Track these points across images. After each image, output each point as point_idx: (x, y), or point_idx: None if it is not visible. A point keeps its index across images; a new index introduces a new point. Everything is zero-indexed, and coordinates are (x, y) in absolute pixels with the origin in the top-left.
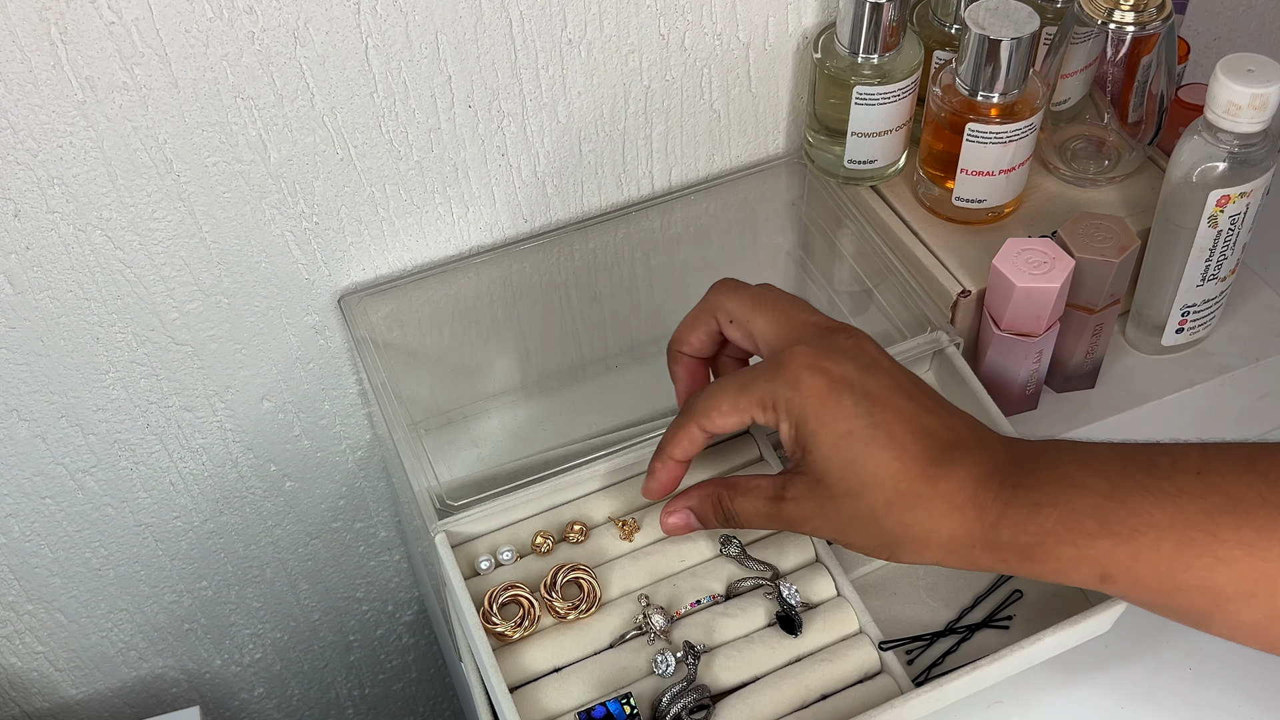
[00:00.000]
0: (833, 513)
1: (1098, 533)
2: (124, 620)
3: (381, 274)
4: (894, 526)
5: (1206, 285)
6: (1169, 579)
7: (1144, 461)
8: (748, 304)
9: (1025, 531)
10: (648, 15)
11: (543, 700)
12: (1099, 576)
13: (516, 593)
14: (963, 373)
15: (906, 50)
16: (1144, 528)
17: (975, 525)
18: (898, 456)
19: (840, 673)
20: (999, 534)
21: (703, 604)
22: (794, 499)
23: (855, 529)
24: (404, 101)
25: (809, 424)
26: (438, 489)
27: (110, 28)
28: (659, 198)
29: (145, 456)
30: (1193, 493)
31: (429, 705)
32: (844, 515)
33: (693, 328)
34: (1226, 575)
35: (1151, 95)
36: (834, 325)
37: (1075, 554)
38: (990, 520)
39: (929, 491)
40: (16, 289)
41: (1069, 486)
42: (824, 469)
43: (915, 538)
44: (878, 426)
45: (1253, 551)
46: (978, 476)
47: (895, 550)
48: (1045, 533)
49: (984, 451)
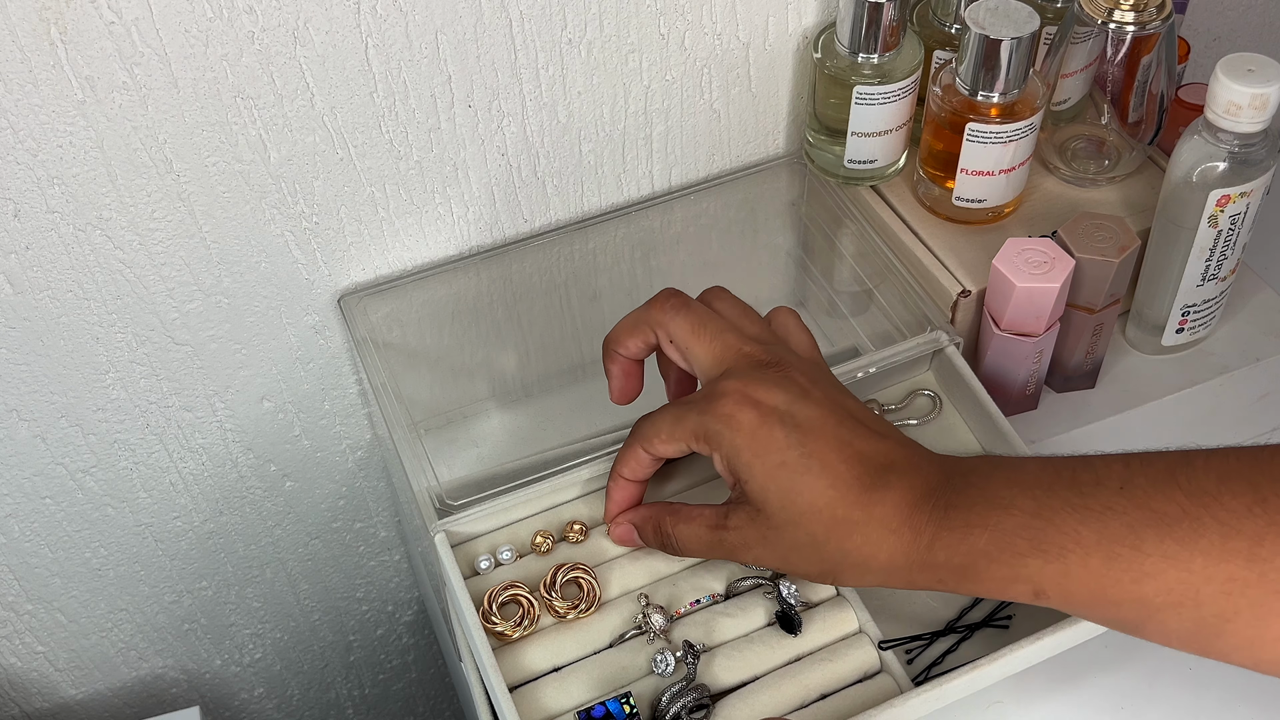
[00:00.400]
0: (774, 541)
1: (1028, 552)
2: (124, 620)
3: (381, 274)
4: (834, 553)
5: (1206, 285)
6: (1099, 594)
7: (1069, 479)
8: (688, 330)
9: (959, 553)
10: (648, 15)
11: (542, 700)
12: (1033, 593)
13: (516, 592)
14: (963, 372)
15: (906, 50)
16: (1071, 545)
17: (911, 548)
18: (832, 484)
19: (840, 672)
20: (934, 555)
21: (702, 603)
22: (735, 528)
23: (798, 556)
24: (404, 101)
25: (742, 456)
26: (437, 489)
27: (110, 28)
28: (659, 198)
29: (145, 456)
30: (1116, 509)
31: (429, 705)
32: (786, 543)
33: (631, 334)
34: (1153, 588)
35: (1151, 95)
36: (767, 357)
37: (1008, 573)
38: (925, 543)
39: (864, 517)
40: (16, 289)
41: (998, 507)
42: (762, 499)
43: (855, 563)
44: (810, 456)
45: (1176, 564)
46: (911, 500)
47: (837, 575)
48: (978, 553)
49: (916, 475)
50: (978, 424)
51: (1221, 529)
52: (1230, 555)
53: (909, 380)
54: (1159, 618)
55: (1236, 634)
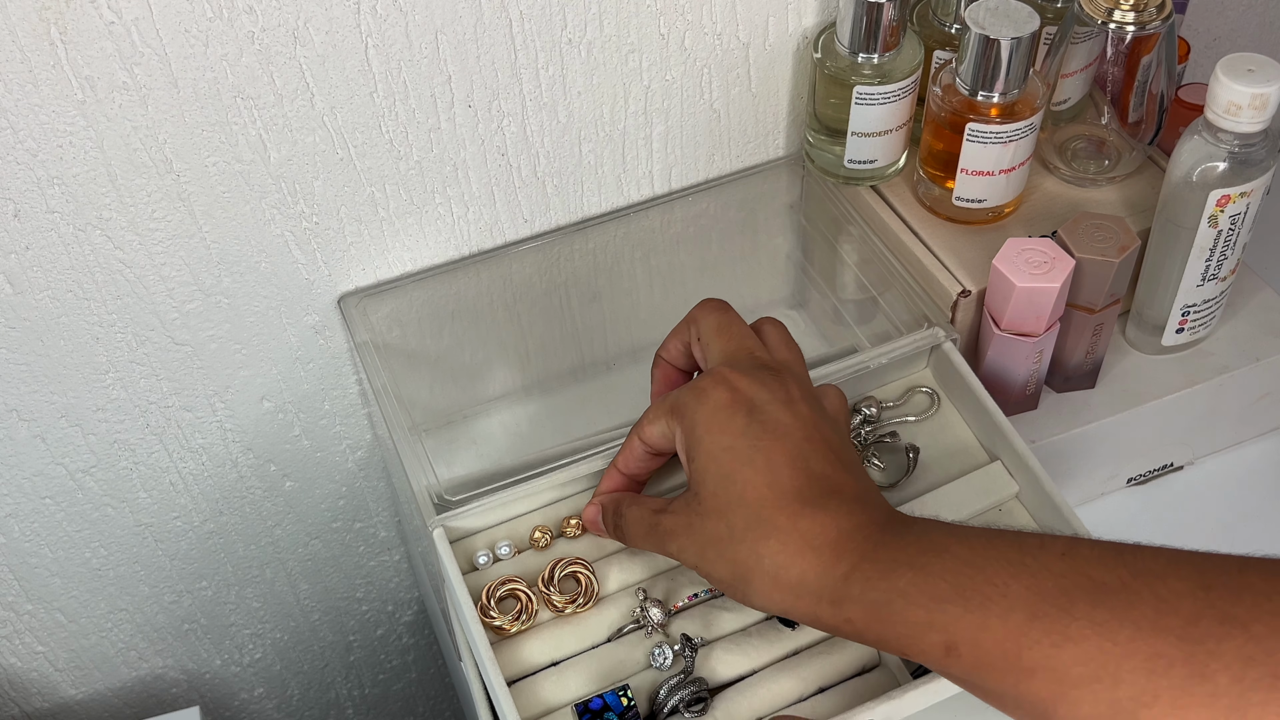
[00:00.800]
0: (697, 530)
1: (949, 596)
2: (124, 620)
3: (381, 274)
4: (747, 555)
5: (1206, 285)
6: (1014, 656)
7: (1012, 539)
8: (714, 326)
9: (876, 588)
10: (648, 15)
11: (541, 693)
12: (944, 646)
13: (514, 587)
14: (961, 371)
15: (906, 50)
16: (996, 596)
17: (826, 573)
18: (770, 484)
19: (838, 665)
20: (849, 588)
21: (700, 597)
22: (671, 512)
23: (713, 551)
24: (404, 101)
25: (697, 429)
26: (436, 486)
27: (110, 28)
28: (659, 198)
29: (145, 456)
30: (1054, 571)
31: (429, 705)
32: (706, 535)
33: (674, 336)
34: (1072, 655)
35: (1151, 95)
36: (770, 361)
37: (923, 618)
38: (843, 571)
39: (789, 526)
40: (16, 289)
41: (930, 551)
42: (700, 480)
43: (765, 572)
44: (759, 451)
45: (1102, 632)
46: (843, 527)
47: (746, 584)
48: (896, 591)
49: (858, 507)
50: (975, 420)
51: (1158, 604)
52: (1161, 632)
53: (907, 377)
54: (1072, 696)
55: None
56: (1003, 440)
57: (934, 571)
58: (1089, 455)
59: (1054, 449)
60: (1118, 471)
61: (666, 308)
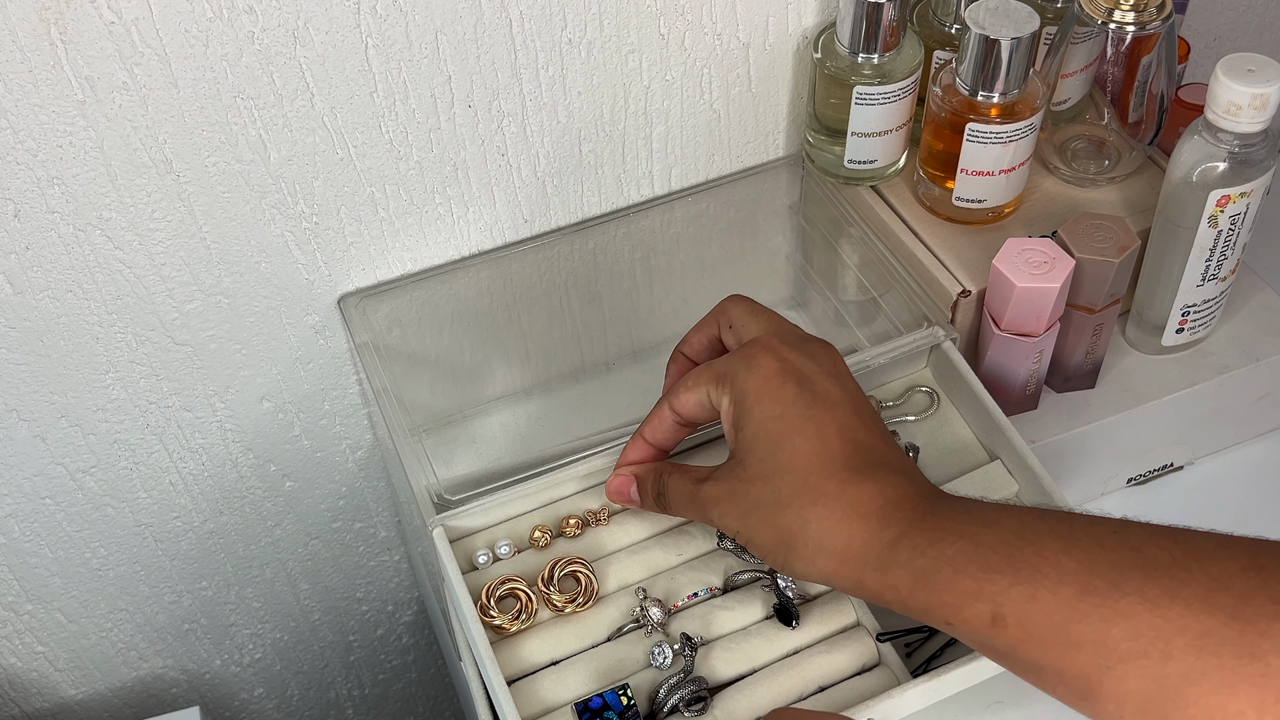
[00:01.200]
0: (741, 496)
1: (999, 567)
2: (124, 620)
3: (381, 274)
4: (792, 521)
5: (1206, 285)
6: (1062, 629)
7: (1063, 516)
8: (748, 312)
9: (924, 554)
10: (648, 15)
11: (540, 693)
12: (990, 617)
13: (514, 586)
14: (962, 371)
15: (906, 50)
16: (1047, 569)
17: (873, 539)
18: (819, 452)
19: (838, 664)
20: (896, 554)
21: (700, 596)
22: (714, 480)
23: (757, 518)
24: (404, 101)
25: (747, 399)
26: (436, 485)
27: (110, 28)
28: (659, 198)
29: (145, 456)
30: (1106, 546)
31: (429, 705)
32: (751, 501)
33: (697, 331)
34: (1121, 631)
35: (1151, 95)
36: (812, 338)
37: (971, 587)
38: (890, 538)
39: (836, 493)
40: (16, 289)
41: (980, 522)
42: (749, 447)
43: (810, 538)
44: (809, 419)
45: (1153, 608)
46: (890, 496)
47: (789, 552)
48: (945, 559)
49: (905, 479)
50: (975, 420)
51: (1209, 582)
52: (1213, 609)
53: (907, 376)
54: (1119, 671)
55: (1199, 701)
56: (1003, 440)
57: (984, 542)
58: (1089, 455)
59: (1054, 449)
60: (1118, 471)
61: (666, 308)
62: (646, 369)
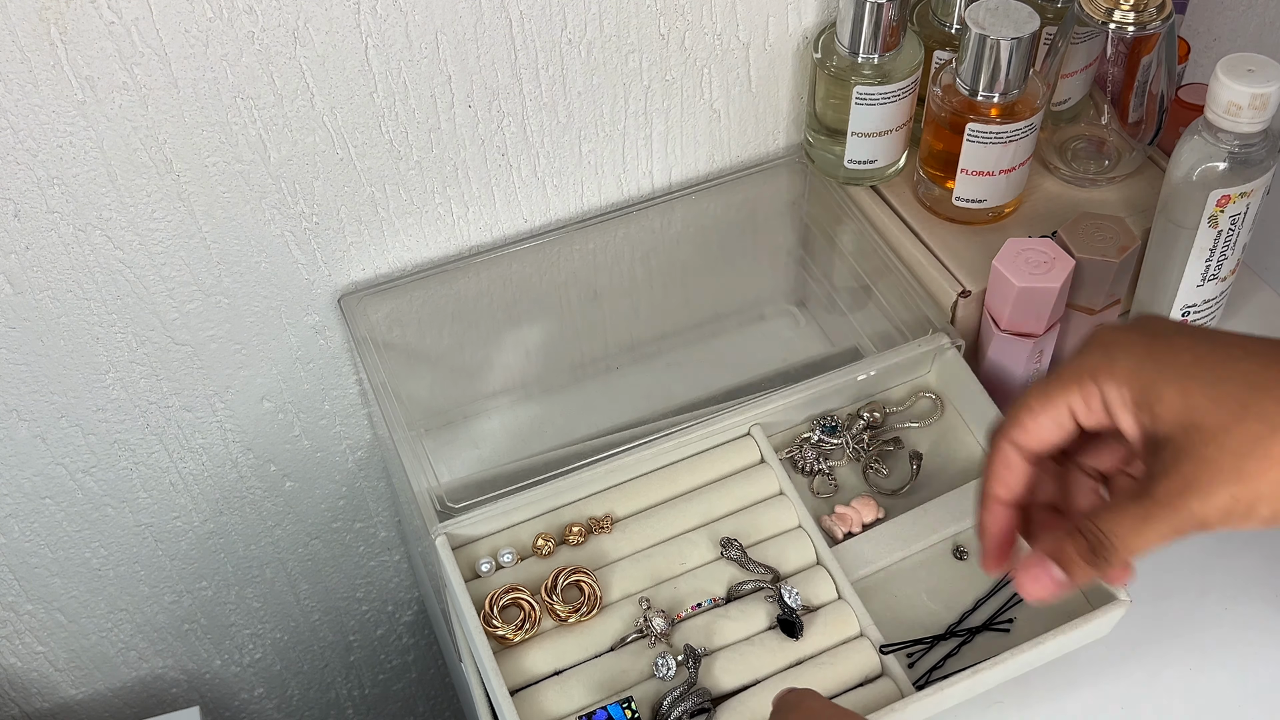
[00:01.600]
0: (1219, 462)
1: None
2: (124, 620)
3: (381, 274)
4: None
5: (1207, 285)
6: None
7: None
8: (1148, 361)
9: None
10: (648, 15)
11: (543, 703)
12: None
13: (517, 595)
14: (965, 376)
15: (906, 50)
16: None
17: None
18: (1261, 368)
19: (841, 676)
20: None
21: (703, 607)
22: (1159, 477)
23: (1254, 465)
24: (404, 101)
25: (1144, 374)
26: (438, 490)
27: (110, 28)
28: (659, 197)
29: (145, 456)
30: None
31: (429, 705)
32: (1233, 452)
33: (1047, 403)
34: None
35: (1151, 95)
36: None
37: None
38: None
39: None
40: (16, 289)
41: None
42: (1186, 412)
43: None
44: (1216, 345)
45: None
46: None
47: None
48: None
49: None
50: (980, 426)
51: None
52: None
53: (910, 381)
54: None
55: None
56: None
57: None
58: None
59: None
60: None
61: (666, 307)
62: (647, 368)
